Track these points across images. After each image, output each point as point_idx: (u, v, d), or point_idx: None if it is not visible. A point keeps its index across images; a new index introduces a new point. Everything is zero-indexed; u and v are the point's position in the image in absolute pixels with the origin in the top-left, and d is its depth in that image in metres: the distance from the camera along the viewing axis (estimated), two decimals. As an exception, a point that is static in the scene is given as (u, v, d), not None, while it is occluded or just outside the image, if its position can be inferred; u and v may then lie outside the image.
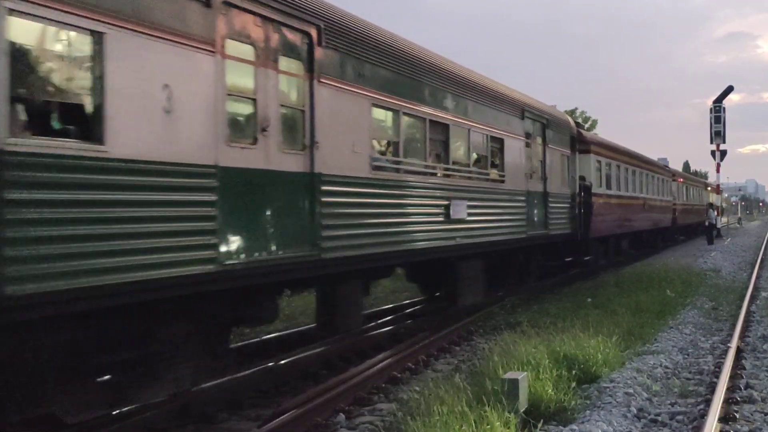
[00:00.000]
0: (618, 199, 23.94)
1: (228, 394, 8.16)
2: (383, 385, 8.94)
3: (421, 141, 11.19)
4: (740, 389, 8.39)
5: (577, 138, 19.68)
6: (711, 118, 41.07)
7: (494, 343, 10.75)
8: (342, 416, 7.65)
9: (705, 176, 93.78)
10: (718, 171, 42.68)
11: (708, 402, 7.54)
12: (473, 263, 13.34)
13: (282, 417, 7.10)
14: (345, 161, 8.86)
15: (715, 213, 42.94)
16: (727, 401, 7.76)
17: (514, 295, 15.95)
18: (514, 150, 14.68)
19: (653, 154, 42.03)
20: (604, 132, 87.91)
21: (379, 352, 10.49)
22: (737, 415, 7.37)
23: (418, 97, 10.84)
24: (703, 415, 7.07)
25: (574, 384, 8.01)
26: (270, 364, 9.25)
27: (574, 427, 6.61)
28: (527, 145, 15.52)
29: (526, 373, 7.26)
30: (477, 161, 13.25)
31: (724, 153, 41.55)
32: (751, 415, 7.43)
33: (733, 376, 8.88)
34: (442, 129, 11.68)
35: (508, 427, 6.25)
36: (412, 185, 10.68)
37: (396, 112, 10.26)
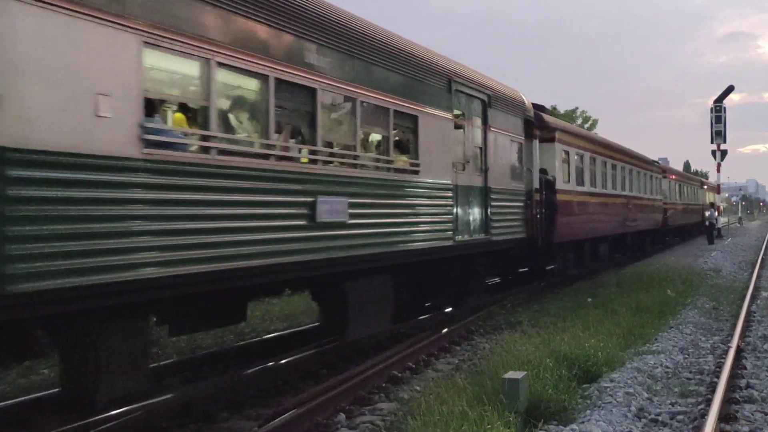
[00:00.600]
0: (591, 197, 20.80)
1: (229, 393, 8.17)
2: (384, 385, 8.94)
3: (260, 109, 7.80)
4: (741, 389, 8.40)
5: (535, 123, 16.40)
6: (711, 118, 41.04)
7: (495, 343, 10.80)
8: (342, 416, 7.65)
9: (705, 176, 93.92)
10: (718, 171, 42.64)
11: (708, 402, 7.54)
12: (372, 282, 10.05)
13: (283, 416, 7.11)
14: (72, 129, 5.58)
15: (716, 213, 42.96)
16: (728, 401, 7.76)
17: (515, 296, 15.94)
18: (435, 131, 11.34)
19: (654, 154, 41.75)
20: (604, 132, 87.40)
21: (380, 351, 10.49)
22: (738, 415, 7.38)
23: (248, 44, 7.40)
24: (704, 415, 7.07)
25: (574, 384, 8.02)
26: (270, 363, 9.26)
27: (574, 426, 6.62)
28: (458, 126, 12.35)
29: (526, 372, 7.27)
30: (373, 144, 10.35)
31: (724, 153, 41.51)
32: (752, 414, 7.44)
33: (734, 376, 8.89)
34: (302, 94, 8.31)
35: (509, 427, 6.25)
36: (236, 173, 7.21)
37: (204, 62, 6.87)
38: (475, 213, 12.88)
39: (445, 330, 12.10)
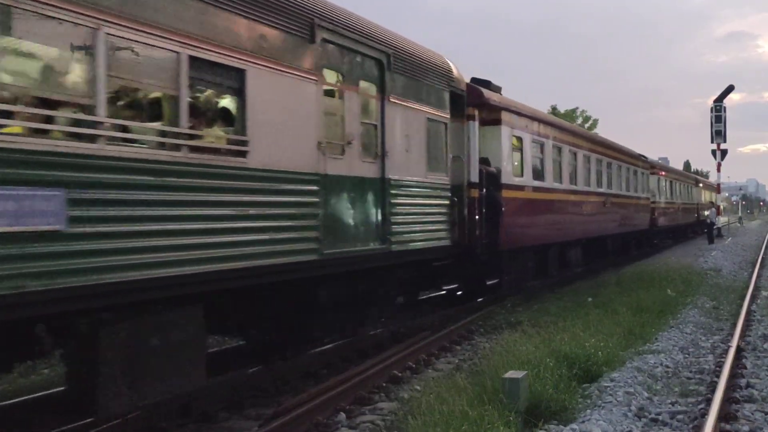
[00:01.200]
0: (555, 193, 17.57)
1: (229, 393, 8.18)
2: (384, 384, 8.94)
3: None
4: (741, 388, 8.40)
5: (471, 100, 13.17)
6: (712, 118, 41.06)
7: (495, 343, 10.80)
8: (343, 415, 7.65)
9: (706, 175, 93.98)
10: (718, 170, 42.70)
11: (708, 401, 7.55)
12: (156, 321, 6.64)
13: (283, 416, 7.11)
14: None
15: (716, 212, 43.08)
16: (728, 400, 7.76)
17: (514, 295, 15.93)
18: (282, 96, 7.95)
19: (654, 154, 41.56)
20: (604, 131, 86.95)
21: (380, 351, 10.49)
22: (738, 415, 7.38)
23: None
24: (704, 415, 7.08)
25: (574, 383, 8.02)
26: (270, 363, 9.25)
27: (574, 426, 6.62)
28: (331, 92, 9.09)
29: (526, 372, 7.27)
30: (147, 108, 6.73)
31: (724, 152, 41.56)
32: (752, 414, 7.44)
33: (734, 375, 8.89)
34: None
35: (509, 427, 6.26)
36: None
37: None
38: (364, 214, 9.58)
39: (445, 330, 12.09)
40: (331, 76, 9.08)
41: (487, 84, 14.95)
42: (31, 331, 5.81)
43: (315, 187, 8.48)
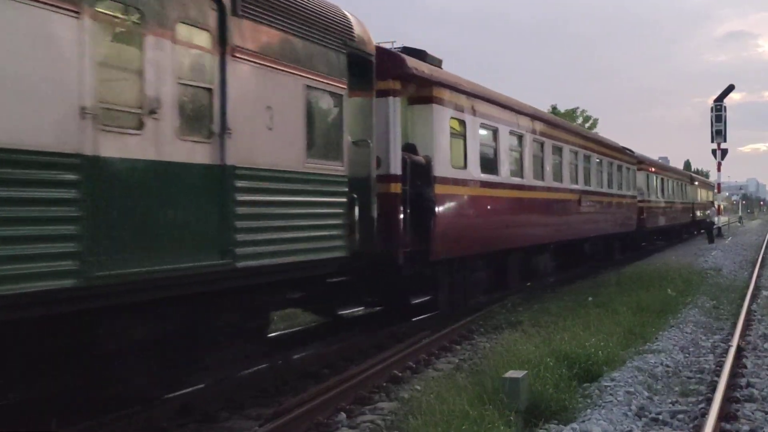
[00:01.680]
0: (509, 190, 14.85)
1: (228, 393, 8.17)
2: (384, 384, 8.94)
3: None
4: (741, 388, 8.39)
5: (389, 70, 10.63)
6: (712, 117, 41.11)
7: (495, 342, 10.81)
8: (343, 415, 7.64)
9: (707, 175, 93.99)
10: (719, 170, 42.76)
11: (709, 401, 7.55)
12: None
13: (283, 416, 7.11)
14: None
15: (716, 211, 43.21)
16: (728, 400, 7.76)
17: (515, 294, 15.91)
18: None
19: (654, 153, 41.52)
20: (603, 131, 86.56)
21: (381, 351, 10.49)
22: (738, 414, 7.38)
23: None
24: (704, 414, 7.08)
25: (574, 383, 8.02)
26: (270, 363, 9.25)
27: (574, 425, 6.62)
28: (115, 37, 6.27)
29: (527, 371, 7.28)
30: None
31: (725, 152, 41.62)
32: (752, 413, 7.43)
33: (734, 375, 8.88)
34: None
35: (510, 426, 6.26)
36: None
37: None
38: (185, 217, 6.76)
39: (445, 330, 12.09)
40: (116, 12, 6.20)
41: (421, 54, 12.20)
42: None
43: (72, 176, 5.61)
